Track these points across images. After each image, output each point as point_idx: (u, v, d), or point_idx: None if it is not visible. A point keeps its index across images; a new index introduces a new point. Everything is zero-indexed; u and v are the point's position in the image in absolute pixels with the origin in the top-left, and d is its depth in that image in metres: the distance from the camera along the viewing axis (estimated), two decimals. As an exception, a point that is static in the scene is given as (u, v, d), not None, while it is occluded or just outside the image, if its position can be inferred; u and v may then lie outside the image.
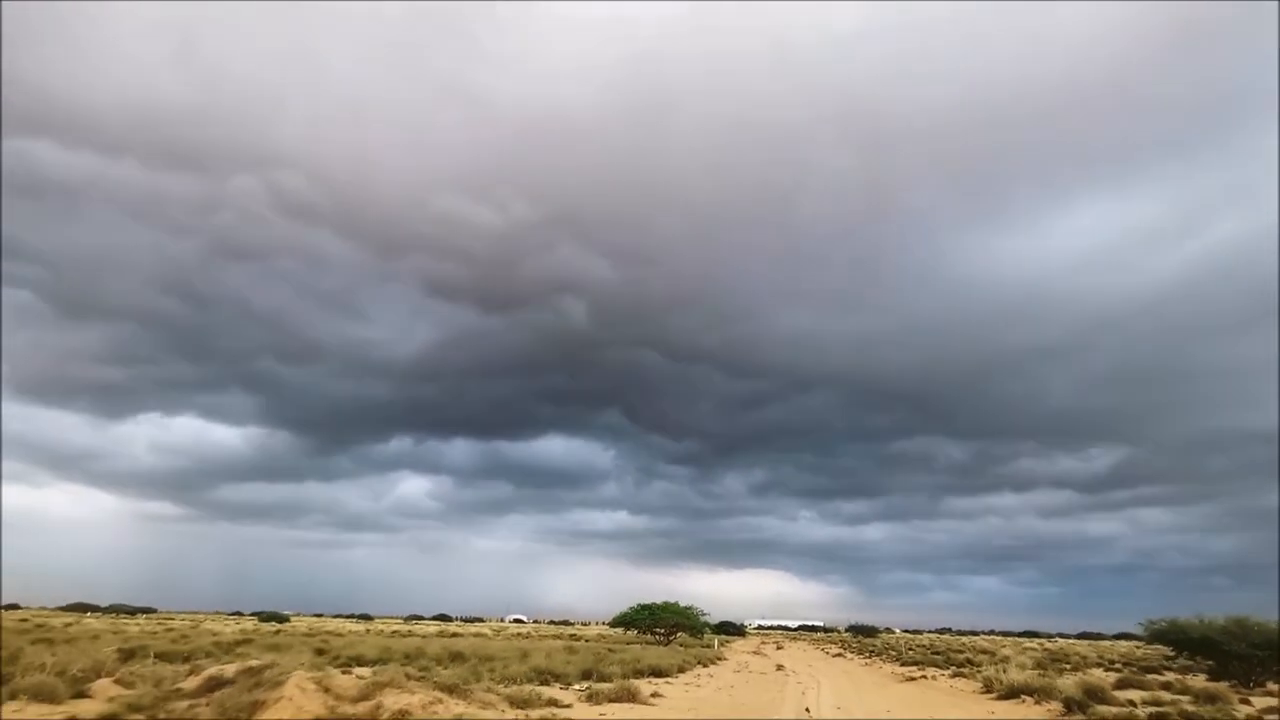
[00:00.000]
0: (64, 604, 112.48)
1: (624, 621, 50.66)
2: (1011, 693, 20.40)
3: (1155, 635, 34.60)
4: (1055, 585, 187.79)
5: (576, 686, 19.89)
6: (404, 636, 47.25)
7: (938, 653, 50.18)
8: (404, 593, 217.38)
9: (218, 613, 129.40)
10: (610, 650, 34.79)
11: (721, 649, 49.89)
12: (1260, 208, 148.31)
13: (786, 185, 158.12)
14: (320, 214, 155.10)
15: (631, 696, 17.39)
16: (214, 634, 39.67)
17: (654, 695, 18.71)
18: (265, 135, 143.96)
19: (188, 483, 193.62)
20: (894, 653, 50.76)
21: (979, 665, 36.35)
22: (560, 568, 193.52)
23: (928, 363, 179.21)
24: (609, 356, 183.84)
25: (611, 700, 17.18)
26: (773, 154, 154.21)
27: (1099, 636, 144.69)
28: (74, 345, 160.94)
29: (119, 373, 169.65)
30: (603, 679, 22.05)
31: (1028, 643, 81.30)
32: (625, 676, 22.88)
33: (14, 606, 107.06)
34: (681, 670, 27.05)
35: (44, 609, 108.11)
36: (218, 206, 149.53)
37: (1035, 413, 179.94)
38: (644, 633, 51.14)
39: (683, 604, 51.28)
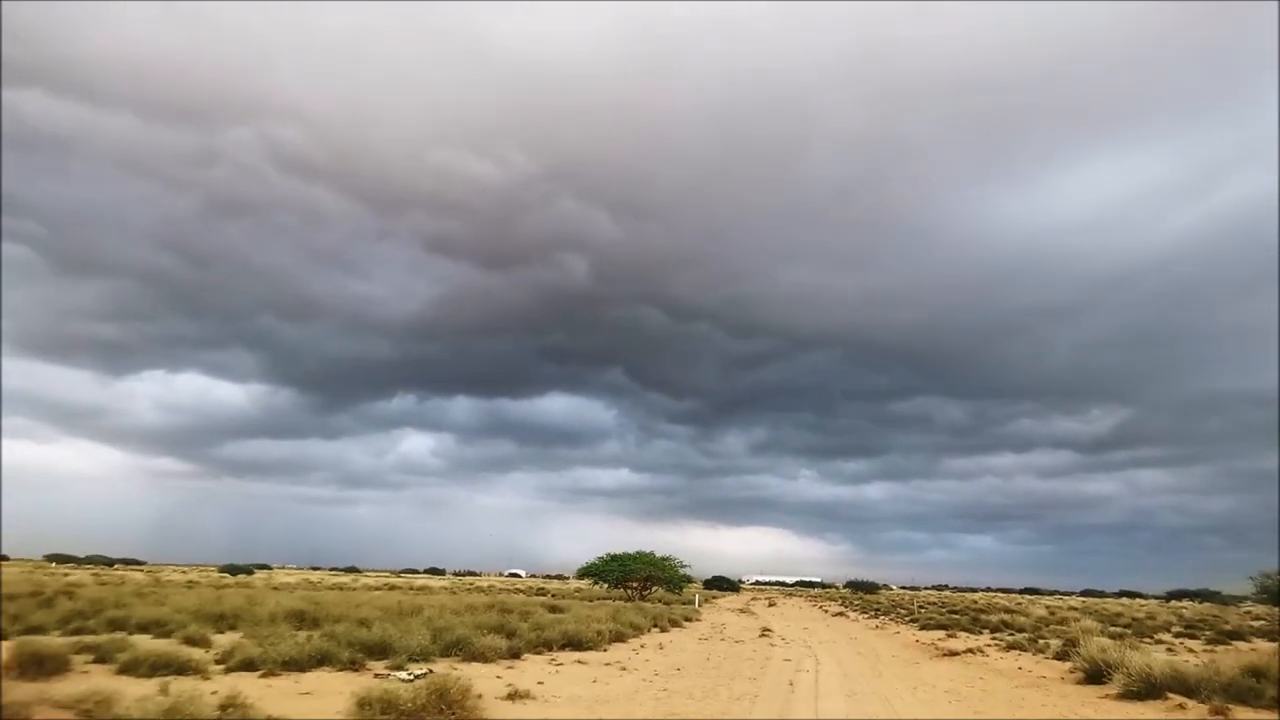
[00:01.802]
0: (45, 555, 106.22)
1: (591, 573, 42.07)
2: (1149, 689, 11.36)
3: (1270, 592, 25.93)
4: (1049, 544, 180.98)
5: (402, 674, 10.96)
6: (326, 589, 38.79)
7: (955, 611, 41.57)
8: (407, 548, 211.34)
9: (207, 566, 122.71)
10: (553, 609, 26.15)
11: (703, 607, 41.40)
12: (1269, 169, 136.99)
13: (791, 140, 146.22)
14: (317, 168, 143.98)
15: (446, 705, 8.40)
16: (84, 583, 31.30)
17: (516, 696, 9.75)
18: (260, 87, 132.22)
19: (193, 439, 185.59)
20: (903, 611, 42.14)
21: (1020, 629, 27.56)
22: (563, 524, 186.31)
23: (929, 322, 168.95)
24: (611, 314, 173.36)
25: (406, 715, 8.21)
26: (777, 107, 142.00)
27: (1100, 594, 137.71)
28: (73, 302, 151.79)
29: (118, 329, 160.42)
30: (475, 657, 13.21)
31: (1046, 600, 72.83)
32: (512, 654, 13.98)
33: (3, 558, 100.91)
34: (619, 639, 18.19)
35: (31, 561, 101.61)
36: (213, 160, 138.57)
37: (1036, 373, 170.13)
38: (616, 587, 42.62)
39: (661, 554, 42.66)
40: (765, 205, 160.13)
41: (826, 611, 41.92)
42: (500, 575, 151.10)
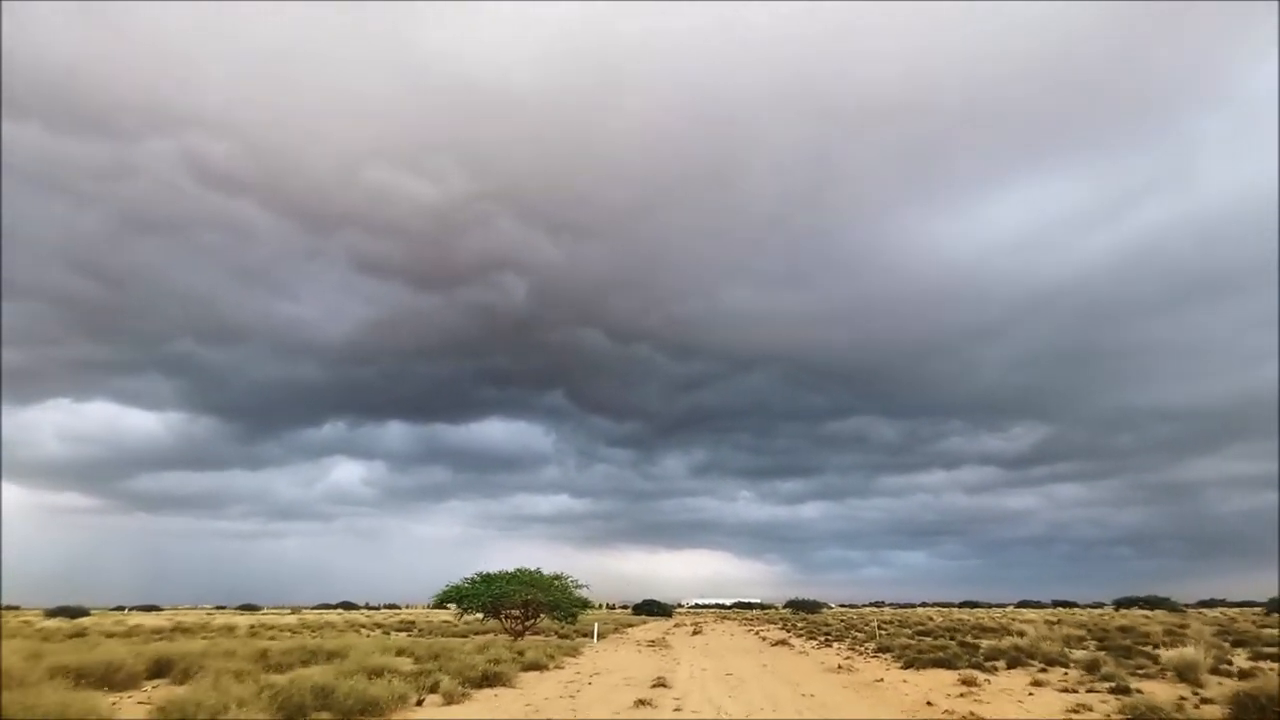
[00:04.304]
0: None
1: (453, 599, 30.15)
2: None
3: None
4: (976, 558, 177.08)
5: None
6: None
7: (924, 633, 31.33)
8: (338, 582, 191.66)
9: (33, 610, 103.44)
10: (307, 661, 14.95)
11: (601, 640, 30.11)
12: (1179, 194, 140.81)
13: (729, 161, 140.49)
14: (242, 183, 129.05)
15: None
16: None
17: None
18: (181, 97, 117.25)
19: (101, 472, 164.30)
20: (860, 634, 31.60)
21: (1049, 660, 17.37)
22: (502, 553, 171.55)
23: (863, 342, 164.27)
24: (551, 337, 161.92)
25: None
26: (716, 129, 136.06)
27: (1038, 604, 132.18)
28: None
29: (19, 355, 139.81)
30: None
31: (1028, 614, 63.64)
32: None
33: None
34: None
35: None
36: (129, 174, 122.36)
37: (964, 392, 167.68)
38: (492, 615, 30.86)
39: (550, 573, 31.13)
40: (704, 226, 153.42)
41: (764, 639, 31.02)
42: (427, 607, 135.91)
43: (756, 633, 36.83)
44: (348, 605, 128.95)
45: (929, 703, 11.08)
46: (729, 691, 13.02)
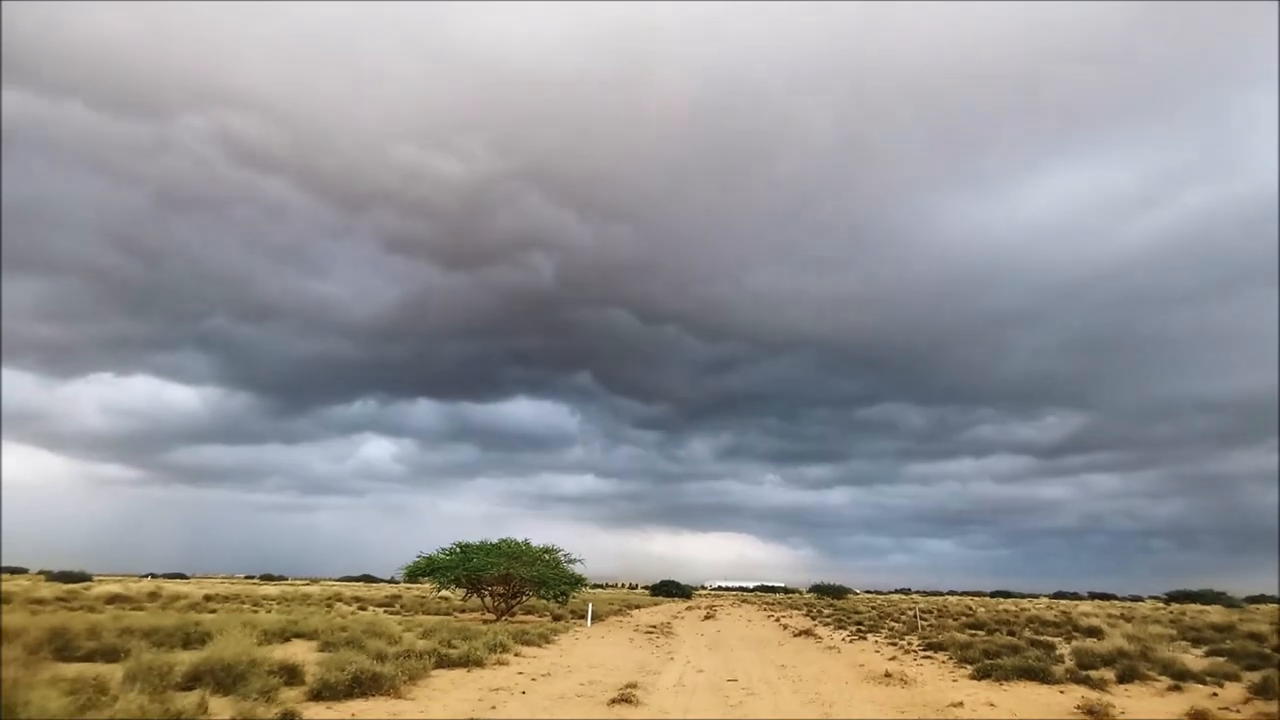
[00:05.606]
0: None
1: (424, 572, 26.18)
2: None
3: None
4: (1005, 548, 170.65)
5: None
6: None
7: (976, 626, 26.41)
8: (368, 556, 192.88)
9: (115, 575, 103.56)
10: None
11: (600, 621, 25.86)
12: (1225, 179, 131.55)
13: (761, 143, 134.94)
14: (276, 161, 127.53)
15: None
16: None
17: None
18: (217, 75, 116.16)
19: (142, 445, 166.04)
20: (898, 625, 26.82)
21: (1180, 672, 12.55)
22: (528, 531, 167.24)
23: (893, 328, 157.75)
24: (579, 317, 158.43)
25: None
26: (748, 111, 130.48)
27: (1074, 596, 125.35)
28: (14, 301, 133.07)
29: (63, 330, 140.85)
30: None
31: (1083, 605, 58.17)
32: None
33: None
34: None
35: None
36: (165, 151, 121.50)
37: (995, 379, 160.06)
38: (474, 594, 26.79)
39: (539, 544, 26.95)
40: (733, 208, 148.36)
41: (786, 628, 26.43)
42: (391, 580, 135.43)
43: (777, 619, 32.22)
44: (369, 578, 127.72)
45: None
46: (725, 712, 8.53)
